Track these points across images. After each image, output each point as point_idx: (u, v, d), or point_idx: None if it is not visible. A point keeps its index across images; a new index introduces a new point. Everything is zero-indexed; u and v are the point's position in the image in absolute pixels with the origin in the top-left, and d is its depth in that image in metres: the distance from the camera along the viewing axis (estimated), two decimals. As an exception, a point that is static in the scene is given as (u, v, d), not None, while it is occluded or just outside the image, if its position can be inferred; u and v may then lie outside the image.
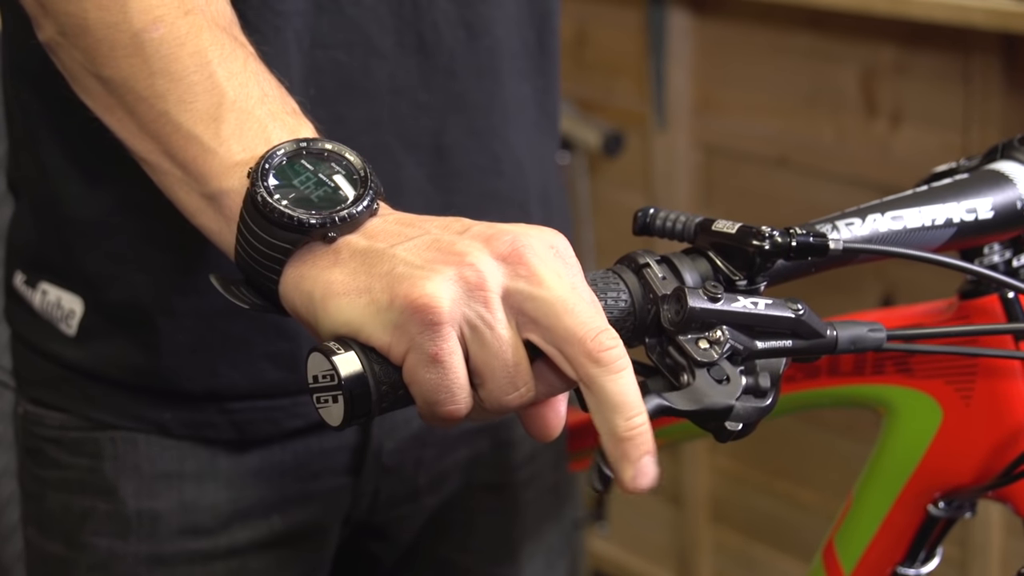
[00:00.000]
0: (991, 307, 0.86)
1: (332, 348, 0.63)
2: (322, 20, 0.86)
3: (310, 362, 0.64)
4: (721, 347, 0.66)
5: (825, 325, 0.69)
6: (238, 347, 0.91)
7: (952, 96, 1.70)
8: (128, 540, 0.93)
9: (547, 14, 0.99)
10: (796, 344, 0.69)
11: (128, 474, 0.93)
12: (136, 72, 0.70)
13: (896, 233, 0.77)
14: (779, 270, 0.72)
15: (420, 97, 0.91)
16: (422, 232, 0.65)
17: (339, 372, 0.63)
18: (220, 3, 0.73)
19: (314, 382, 0.64)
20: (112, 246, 0.90)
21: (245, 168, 0.67)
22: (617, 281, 0.68)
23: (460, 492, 1.05)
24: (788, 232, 0.70)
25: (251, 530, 0.95)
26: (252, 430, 0.94)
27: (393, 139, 0.91)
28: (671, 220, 0.73)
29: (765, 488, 2.08)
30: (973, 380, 0.87)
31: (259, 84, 0.70)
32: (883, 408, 0.93)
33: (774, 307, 0.67)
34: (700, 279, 0.69)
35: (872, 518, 0.94)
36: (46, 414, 0.95)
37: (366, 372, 0.63)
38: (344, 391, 0.63)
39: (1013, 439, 0.86)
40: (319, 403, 0.64)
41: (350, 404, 0.63)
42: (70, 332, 0.92)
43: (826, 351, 0.70)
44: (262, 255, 0.66)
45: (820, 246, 0.70)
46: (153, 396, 0.92)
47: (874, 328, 0.71)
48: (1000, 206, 0.80)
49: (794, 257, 0.70)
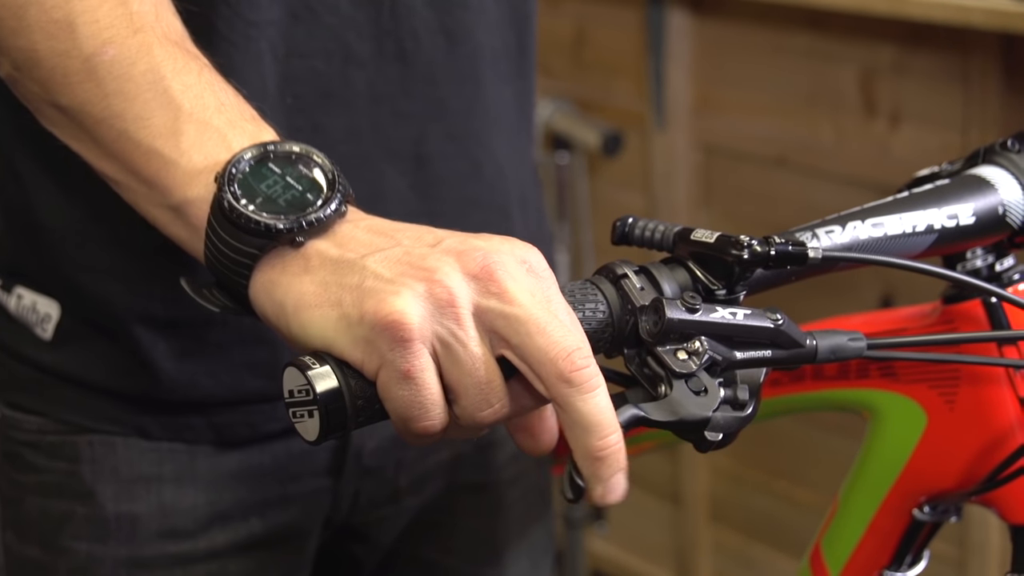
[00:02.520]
0: (974, 312, 0.86)
1: (307, 363, 0.63)
2: (298, 29, 0.85)
3: (286, 377, 0.64)
4: (700, 358, 0.65)
5: (805, 335, 0.69)
6: (217, 356, 0.91)
7: (951, 96, 1.69)
8: (107, 544, 0.93)
9: (527, 16, 0.99)
10: (776, 354, 0.68)
11: (106, 477, 0.93)
12: (91, 96, 0.70)
13: (876, 240, 0.76)
14: (759, 279, 0.71)
15: (400, 105, 0.91)
16: (393, 243, 0.65)
17: (314, 387, 0.62)
18: (170, 18, 0.74)
19: (290, 396, 0.64)
20: (85, 254, 0.90)
21: (209, 176, 0.67)
22: (595, 292, 0.68)
23: (443, 493, 1.05)
24: (767, 241, 0.69)
25: (230, 533, 0.95)
26: (231, 433, 0.94)
27: (373, 148, 0.91)
28: (650, 229, 0.72)
29: (764, 488, 2.08)
30: (957, 385, 0.87)
31: (215, 94, 0.71)
32: (868, 412, 0.93)
33: (753, 317, 0.67)
34: (679, 289, 0.69)
35: (858, 522, 0.93)
36: (23, 418, 0.95)
37: (342, 387, 0.63)
38: (320, 406, 0.62)
39: (996, 444, 0.85)
40: (295, 418, 0.64)
41: (326, 419, 0.63)
42: (46, 336, 0.92)
43: (806, 361, 0.70)
44: (231, 260, 0.66)
45: (799, 255, 0.70)
46: (130, 400, 0.92)
47: (854, 337, 0.71)
48: (981, 212, 0.79)
49: (773, 266, 0.69)
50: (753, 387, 0.67)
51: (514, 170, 1.00)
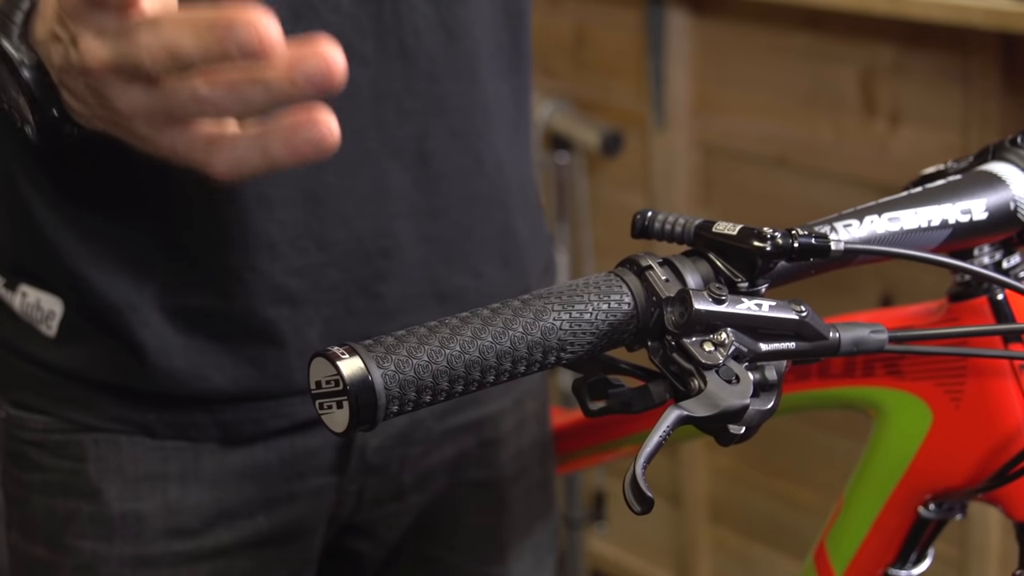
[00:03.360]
0: (981, 309, 0.86)
1: (337, 353, 0.62)
2: (300, 28, 0.85)
3: (313, 367, 0.63)
4: (726, 349, 0.65)
5: (828, 327, 0.69)
6: (222, 352, 0.91)
7: (951, 96, 1.69)
8: (112, 542, 0.92)
9: (520, 14, 0.99)
10: (799, 346, 0.68)
11: (111, 476, 0.93)
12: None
13: (893, 234, 0.76)
14: (780, 272, 0.72)
15: (403, 102, 0.91)
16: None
17: (344, 377, 0.62)
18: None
19: (316, 387, 0.63)
20: (85, 250, 0.89)
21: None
22: (620, 284, 0.68)
23: (446, 490, 1.05)
24: (790, 233, 0.70)
25: (236, 530, 0.95)
26: (236, 430, 0.94)
27: (378, 146, 0.91)
28: (670, 222, 0.72)
29: (764, 488, 2.08)
30: (963, 382, 0.87)
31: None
32: (873, 410, 0.93)
33: (778, 309, 0.67)
34: (703, 281, 0.69)
35: (863, 520, 0.93)
36: (28, 417, 0.95)
37: (371, 377, 0.62)
38: (350, 396, 0.62)
39: (1003, 441, 0.86)
40: (322, 409, 0.63)
41: (356, 409, 0.62)
42: (50, 333, 0.92)
43: (829, 353, 0.70)
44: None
45: (822, 247, 0.70)
46: (136, 398, 0.92)
47: (876, 329, 0.71)
48: (994, 207, 0.80)
49: (796, 258, 0.70)
50: (779, 377, 0.67)
51: (514, 166, 1.01)
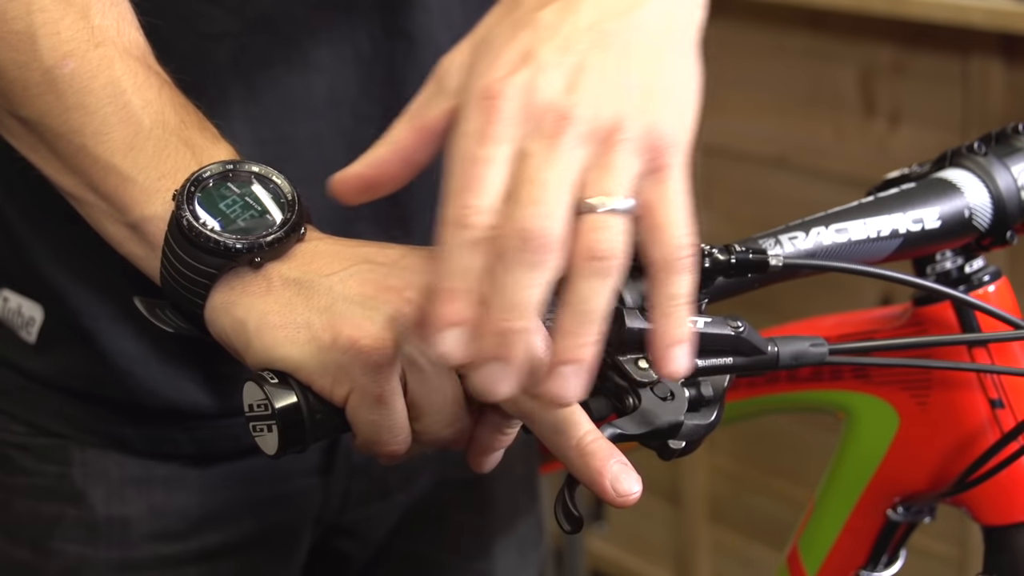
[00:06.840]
0: (944, 314, 0.86)
1: (266, 377, 0.64)
2: (256, 39, 0.85)
3: (245, 391, 0.65)
4: None
5: (766, 341, 0.69)
6: (199, 366, 0.91)
7: (951, 96, 1.69)
8: (98, 546, 0.93)
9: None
10: (738, 361, 0.68)
11: (97, 480, 0.93)
12: (51, 109, 0.70)
13: (841, 246, 0.76)
14: (720, 287, 0.72)
15: (361, 108, 0.90)
16: (352, 262, 0.66)
17: (272, 402, 0.64)
18: (132, 33, 0.73)
19: (250, 411, 0.65)
20: (63, 260, 0.89)
21: (167, 194, 0.68)
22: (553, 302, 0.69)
23: (431, 489, 1.05)
24: (727, 249, 0.70)
25: (222, 533, 0.96)
26: (214, 447, 0.94)
27: (339, 153, 0.90)
28: None
29: (763, 488, 2.08)
30: (928, 387, 0.87)
31: (175, 111, 0.71)
32: (842, 413, 0.94)
33: (713, 325, 0.67)
34: (640, 298, 0.69)
35: (834, 523, 0.95)
36: (11, 424, 0.95)
37: (300, 402, 0.64)
38: (278, 420, 0.64)
39: (968, 445, 0.86)
40: (255, 432, 0.65)
41: (284, 433, 0.64)
42: (30, 340, 0.92)
43: (768, 368, 0.70)
44: (188, 280, 0.67)
45: (760, 263, 0.70)
46: (112, 409, 0.92)
47: (816, 343, 0.71)
48: (947, 215, 0.79)
49: (734, 274, 0.70)
50: (717, 393, 0.68)
51: None
